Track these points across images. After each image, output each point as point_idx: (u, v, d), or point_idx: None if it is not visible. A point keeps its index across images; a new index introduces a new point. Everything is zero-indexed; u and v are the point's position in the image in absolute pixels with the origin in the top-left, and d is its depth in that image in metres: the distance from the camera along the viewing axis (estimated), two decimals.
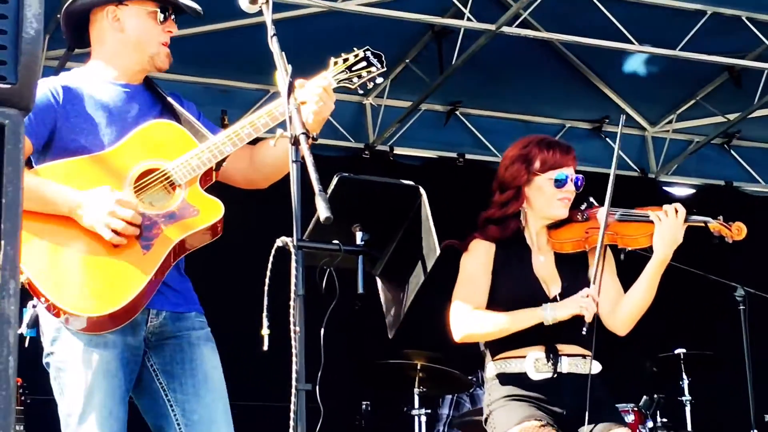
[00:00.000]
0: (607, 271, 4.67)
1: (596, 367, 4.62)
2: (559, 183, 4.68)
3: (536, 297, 4.61)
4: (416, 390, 7.41)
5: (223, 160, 4.08)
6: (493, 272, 4.71)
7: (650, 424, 7.62)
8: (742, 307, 7.54)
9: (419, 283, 3.84)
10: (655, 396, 7.75)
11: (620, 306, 4.66)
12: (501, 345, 4.65)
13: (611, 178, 4.66)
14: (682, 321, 9.87)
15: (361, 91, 4.26)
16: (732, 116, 10.36)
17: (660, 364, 8.24)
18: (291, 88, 3.68)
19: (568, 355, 4.58)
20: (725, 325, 7.85)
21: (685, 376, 8.03)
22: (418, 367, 7.36)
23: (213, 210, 4.00)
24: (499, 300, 4.65)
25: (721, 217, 4.69)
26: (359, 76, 4.20)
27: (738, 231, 4.68)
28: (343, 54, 4.20)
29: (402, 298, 3.92)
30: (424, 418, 7.38)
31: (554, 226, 4.77)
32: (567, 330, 4.56)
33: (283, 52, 3.74)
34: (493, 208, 4.78)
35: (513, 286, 4.68)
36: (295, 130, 3.54)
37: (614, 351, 4.61)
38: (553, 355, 4.56)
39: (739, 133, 10.93)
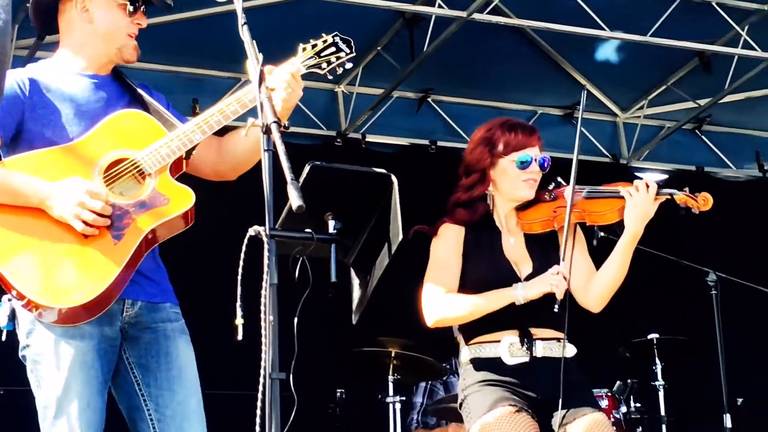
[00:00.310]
0: (577, 248, 4.68)
1: (571, 350, 4.62)
2: (523, 164, 4.68)
3: (507, 278, 4.61)
4: (391, 377, 7.42)
5: (193, 148, 4.06)
6: (464, 255, 4.70)
7: (624, 409, 7.66)
8: (714, 292, 7.57)
9: (383, 267, 3.84)
10: (629, 381, 7.79)
11: (593, 282, 4.67)
12: (475, 329, 4.65)
13: (575, 152, 4.67)
14: (655, 306, 9.90)
15: (330, 77, 4.25)
16: (703, 101, 10.40)
17: (633, 349, 8.28)
18: (262, 77, 3.66)
19: (543, 339, 4.58)
20: (698, 310, 7.87)
21: (658, 361, 8.07)
22: (393, 355, 7.37)
23: (184, 198, 3.99)
24: (470, 283, 4.65)
25: (686, 189, 4.70)
26: (328, 62, 4.19)
27: (704, 201, 4.68)
28: (312, 40, 4.19)
29: (367, 282, 3.92)
30: (398, 406, 7.39)
31: (522, 208, 4.77)
32: (540, 313, 4.56)
33: (254, 41, 3.73)
34: (459, 191, 4.79)
35: (484, 268, 4.67)
36: (266, 118, 3.52)
37: (587, 336, 4.62)
38: (527, 340, 4.56)
39: (710, 118, 10.97)
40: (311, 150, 9.69)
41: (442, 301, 4.60)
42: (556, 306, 4.47)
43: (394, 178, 3.82)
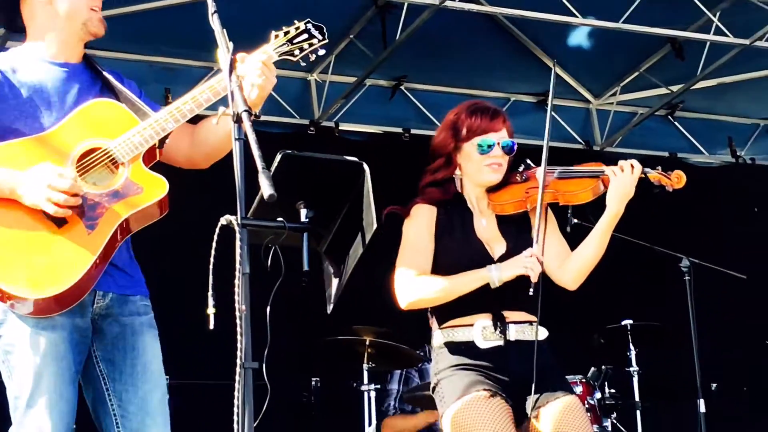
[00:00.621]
0: (550, 228, 4.69)
1: (543, 333, 4.62)
2: (484, 149, 4.68)
3: (480, 259, 4.60)
4: (365, 366, 7.43)
5: (166, 137, 4.05)
6: (436, 236, 4.69)
7: (598, 395, 7.68)
8: (687, 278, 7.60)
9: (357, 257, 3.84)
10: (603, 367, 7.81)
11: (570, 261, 4.68)
12: (447, 313, 4.64)
13: (547, 128, 4.68)
14: (628, 292, 9.94)
15: (303, 64, 4.23)
16: (675, 88, 10.42)
17: (607, 335, 8.31)
18: (232, 66, 3.65)
19: (516, 322, 4.58)
20: (671, 296, 7.89)
21: (632, 347, 8.11)
22: (367, 343, 7.37)
23: (157, 187, 3.98)
24: (443, 264, 4.63)
25: (659, 167, 4.71)
26: (301, 49, 4.17)
27: (678, 179, 4.69)
28: (284, 27, 4.18)
29: (341, 271, 3.92)
30: (373, 394, 7.40)
31: (493, 189, 4.76)
32: (513, 296, 4.56)
33: (225, 29, 3.71)
34: (426, 175, 4.80)
35: (456, 249, 4.66)
36: (237, 107, 3.52)
37: (562, 323, 4.62)
38: (500, 323, 4.56)
39: (683, 104, 11.00)
40: (284, 138, 9.67)
41: (415, 283, 4.59)
42: (531, 289, 4.48)
43: (366, 166, 3.81)
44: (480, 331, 4.56)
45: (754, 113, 11.51)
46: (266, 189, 3.35)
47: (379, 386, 7.56)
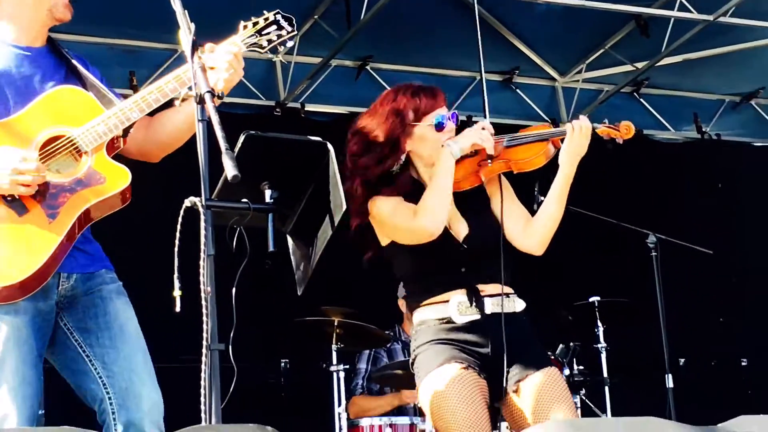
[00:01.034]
0: (506, 196, 4.70)
1: (520, 305, 4.63)
2: (440, 126, 4.66)
3: (446, 244, 4.59)
4: (334, 346, 7.43)
5: (131, 126, 4.02)
6: None
7: (567, 371, 7.71)
8: (654, 254, 7.63)
9: (327, 238, 3.84)
10: (571, 344, 7.84)
11: (532, 226, 4.69)
12: (422, 293, 4.62)
13: (484, 92, 4.67)
14: (595, 269, 9.97)
15: (271, 55, 4.23)
16: (640, 65, 10.44)
17: (575, 312, 8.33)
18: (195, 47, 3.64)
19: (491, 296, 4.57)
20: (638, 272, 7.94)
21: (600, 324, 8.13)
22: (336, 324, 7.37)
23: (120, 177, 3.96)
24: (411, 255, 4.62)
25: (606, 120, 4.72)
26: (269, 40, 4.16)
27: (627, 129, 4.70)
28: (253, 18, 4.16)
29: (310, 253, 3.91)
30: (342, 374, 7.39)
31: None
32: (485, 269, 4.57)
33: (186, 11, 3.70)
34: (368, 168, 4.62)
35: None
36: (200, 88, 3.50)
37: (529, 301, 4.62)
38: (475, 297, 4.56)
39: (648, 81, 11.02)
40: (250, 120, 9.64)
41: (419, 216, 4.52)
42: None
43: (330, 146, 3.81)
44: (456, 306, 4.55)
45: (720, 89, 11.54)
46: (230, 170, 3.35)
47: (348, 366, 7.56)
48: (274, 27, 4.16)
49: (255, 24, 4.14)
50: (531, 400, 4.48)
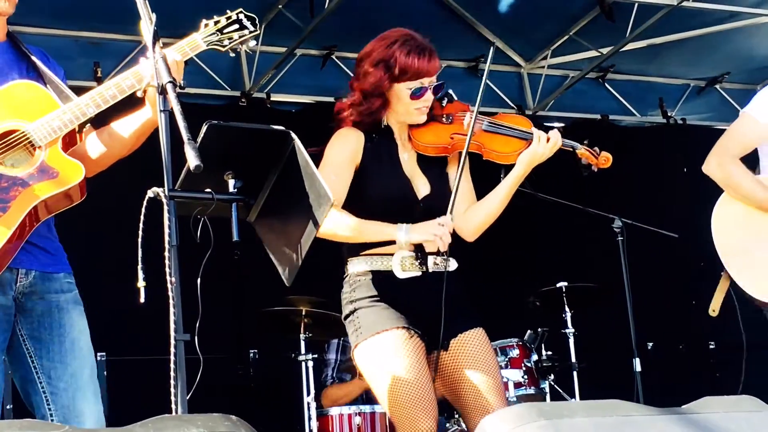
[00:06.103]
0: (463, 174, 4.71)
1: (453, 265, 4.62)
2: (416, 95, 4.67)
3: (406, 196, 4.65)
4: (302, 336, 7.43)
5: (87, 122, 4.00)
6: (363, 164, 4.68)
7: (535, 357, 7.73)
8: (620, 238, 7.64)
9: (313, 235, 3.81)
10: (539, 330, 7.86)
11: (472, 214, 4.74)
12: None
13: (483, 81, 4.68)
14: (562, 255, 10.00)
15: (232, 54, 4.24)
16: (605, 50, 10.47)
17: (542, 298, 8.35)
18: (156, 38, 3.62)
19: (434, 254, 4.57)
20: (605, 257, 7.95)
21: (567, 309, 8.15)
22: (303, 313, 7.37)
23: (73, 172, 3.94)
24: (369, 197, 4.64)
25: (586, 142, 4.75)
26: (230, 39, 4.16)
27: (605, 160, 4.77)
28: (215, 16, 4.15)
29: (296, 250, 3.87)
30: (311, 364, 7.40)
31: (416, 125, 4.77)
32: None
33: (147, 2, 3.69)
34: (358, 112, 4.76)
35: (384, 183, 4.67)
36: (161, 79, 3.50)
37: (497, 287, 4.64)
38: (420, 254, 4.57)
39: (614, 66, 11.06)
40: (216, 111, 9.62)
41: (331, 215, 4.53)
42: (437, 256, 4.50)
43: (294, 135, 3.80)
44: (399, 260, 4.56)
45: (685, 74, 11.58)
46: (192, 160, 3.35)
47: (316, 356, 7.56)
48: (236, 26, 4.17)
49: (216, 22, 4.14)
50: (458, 359, 4.57)
